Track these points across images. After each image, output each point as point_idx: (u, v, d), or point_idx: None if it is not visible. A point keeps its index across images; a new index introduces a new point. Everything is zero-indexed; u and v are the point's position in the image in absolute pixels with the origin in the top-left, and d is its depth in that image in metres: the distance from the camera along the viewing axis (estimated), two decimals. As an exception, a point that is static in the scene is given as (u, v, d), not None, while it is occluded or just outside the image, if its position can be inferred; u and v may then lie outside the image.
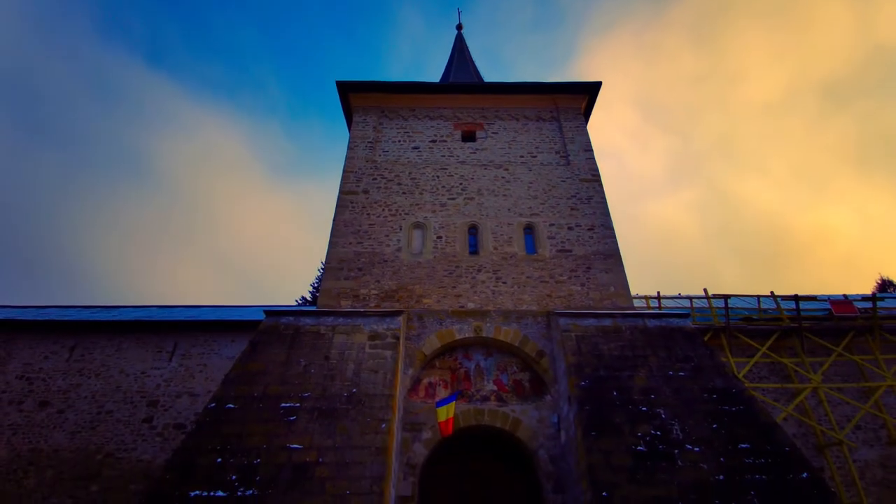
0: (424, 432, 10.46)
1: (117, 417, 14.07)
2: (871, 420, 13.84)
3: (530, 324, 11.66)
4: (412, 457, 10.17)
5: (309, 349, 10.11)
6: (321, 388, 9.37)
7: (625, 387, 9.52)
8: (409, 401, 10.89)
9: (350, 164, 14.82)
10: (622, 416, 9.00)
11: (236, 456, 8.30)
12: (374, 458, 8.29)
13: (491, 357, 11.62)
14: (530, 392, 11.12)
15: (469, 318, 11.68)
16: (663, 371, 9.84)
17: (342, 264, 12.62)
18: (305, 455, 8.32)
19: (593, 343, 10.39)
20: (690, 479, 8.07)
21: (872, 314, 14.73)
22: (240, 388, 9.38)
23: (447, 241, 13.18)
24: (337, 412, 8.98)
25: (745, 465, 8.28)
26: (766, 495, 7.86)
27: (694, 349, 10.34)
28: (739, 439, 8.67)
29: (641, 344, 10.41)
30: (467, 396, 10.99)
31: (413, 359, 11.04)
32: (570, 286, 12.43)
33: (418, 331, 11.48)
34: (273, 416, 8.89)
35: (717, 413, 9.10)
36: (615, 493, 7.87)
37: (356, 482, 7.96)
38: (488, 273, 12.59)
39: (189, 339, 15.35)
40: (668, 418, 8.98)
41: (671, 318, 11.06)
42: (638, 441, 8.62)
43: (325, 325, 10.63)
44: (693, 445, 8.57)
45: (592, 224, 13.60)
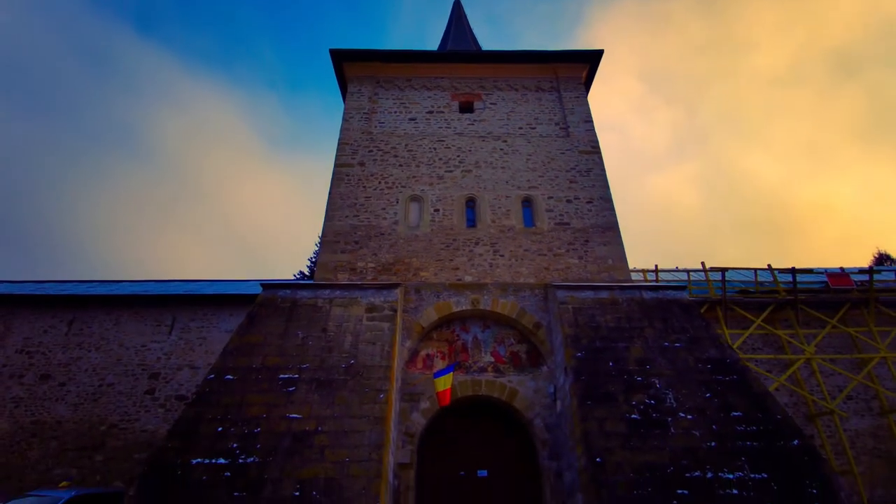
0: (422, 402, 10.60)
1: (119, 390, 14.25)
2: (863, 391, 14.09)
3: (528, 296, 11.68)
4: (410, 426, 10.34)
5: (306, 322, 10.13)
6: (319, 360, 9.43)
7: (620, 357, 9.60)
8: (407, 372, 11.00)
9: (345, 135, 14.53)
10: (617, 386, 9.11)
11: (237, 425, 8.41)
12: (373, 427, 8.41)
13: (488, 329, 11.68)
14: (527, 363, 11.23)
15: (466, 291, 11.68)
16: (659, 342, 9.91)
17: (338, 237, 12.53)
18: (305, 424, 8.43)
19: (590, 315, 10.42)
20: (682, 446, 8.23)
21: (869, 287, 14.80)
22: (238, 359, 9.44)
23: (444, 213, 13.06)
24: (335, 383, 9.06)
25: (736, 433, 8.43)
26: (757, 461, 8.04)
27: (690, 321, 10.39)
28: (732, 408, 8.80)
29: (638, 316, 10.45)
30: (465, 368, 11.10)
31: (410, 331, 11.09)
32: (567, 259, 12.39)
33: (416, 303, 11.49)
34: (272, 386, 8.98)
35: (710, 382, 9.21)
36: (609, 459, 8.03)
37: (355, 450, 8.10)
38: (486, 246, 12.52)
39: (187, 314, 15.41)
40: (662, 388, 9.09)
41: (668, 291, 11.07)
42: (632, 409, 8.75)
43: (323, 298, 10.63)
44: (686, 413, 8.70)
45: (591, 197, 13.46)
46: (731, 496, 7.60)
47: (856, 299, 14.85)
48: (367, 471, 7.84)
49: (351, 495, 7.53)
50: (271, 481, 7.67)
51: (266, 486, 7.61)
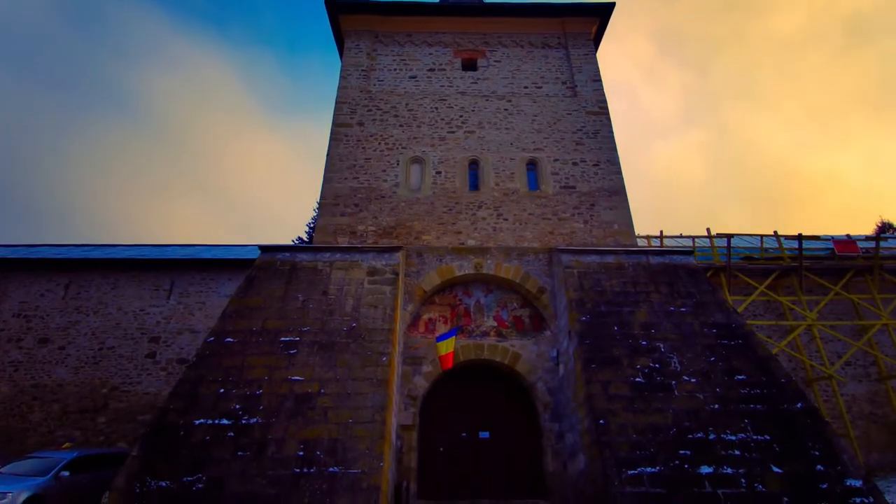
0: (424, 366, 10.57)
1: (120, 353, 14.22)
2: (861, 357, 14.18)
3: (531, 261, 11.47)
4: (413, 389, 10.34)
5: (307, 285, 9.93)
6: (320, 323, 9.28)
7: (626, 322, 9.49)
8: (409, 336, 10.92)
9: (343, 94, 13.90)
10: (622, 350, 9.03)
11: (238, 387, 8.34)
12: (376, 390, 8.36)
13: (491, 294, 11.54)
14: (530, 328, 11.15)
15: (469, 255, 11.45)
16: (664, 307, 9.78)
17: (338, 200, 12.17)
18: (307, 386, 8.37)
19: (595, 279, 10.25)
20: (686, 408, 8.22)
21: (874, 254, 14.65)
22: (238, 322, 9.29)
23: (447, 176, 12.66)
24: (337, 346, 8.95)
25: (740, 396, 8.42)
26: (759, 423, 8.05)
27: (696, 285, 10.23)
28: (736, 371, 8.77)
29: (644, 280, 10.29)
30: (467, 332, 11.02)
31: (412, 295, 10.93)
32: (572, 223, 12.11)
33: (417, 267, 11.28)
34: (273, 349, 8.86)
35: (715, 347, 9.14)
36: (612, 421, 8.03)
37: (358, 411, 8.07)
38: (489, 210, 12.20)
39: (186, 278, 15.21)
40: (667, 351, 9.02)
41: (674, 255, 10.87)
42: (636, 373, 8.71)
43: (323, 261, 10.39)
44: (690, 377, 8.66)
45: (598, 159, 13.04)
46: (733, 457, 7.64)
47: (861, 266, 14.73)
48: (370, 432, 7.82)
49: (355, 455, 7.54)
50: (275, 441, 7.65)
51: (270, 446, 7.60)
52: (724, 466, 7.53)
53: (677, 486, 7.29)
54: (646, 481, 7.34)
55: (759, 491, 7.26)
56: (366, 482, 7.24)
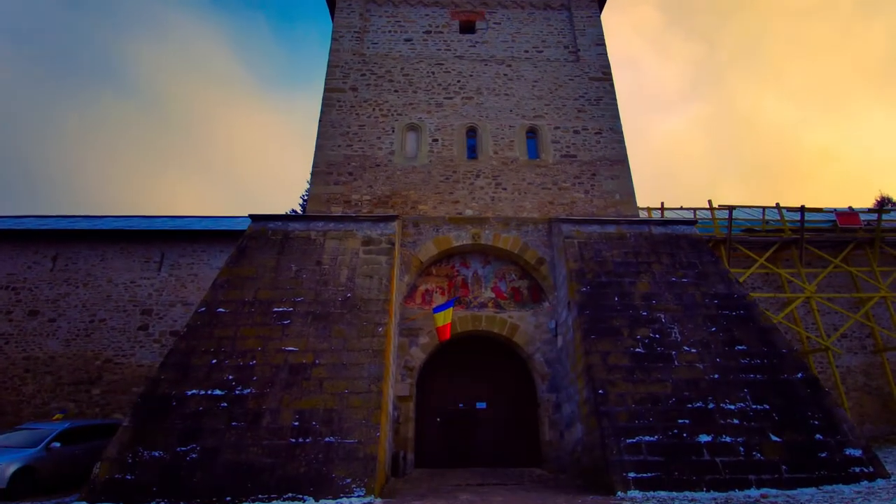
0: (421, 337, 10.43)
1: (112, 325, 14.00)
2: (858, 329, 14.20)
3: (531, 231, 11.21)
4: (409, 360, 10.22)
5: (299, 254, 9.65)
6: (314, 293, 9.05)
7: (626, 292, 9.32)
8: (406, 307, 10.73)
9: (335, 57, 13.27)
10: (622, 321, 8.89)
11: (231, 358, 8.16)
12: (372, 360, 8.20)
13: (489, 265, 11.32)
14: (528, 299, 10.98)
15: (467, 225, 11.17)
16: (666, 277, 9.61)
17: (331, 168, 11.76)
18: (301, 357, 8.20)
19: (596, 249, 10.03)
20: (685, 378, 8.15)
21: (876, 226, 14.49)
22: (230, 292, 9.04)
23: (444, 144, 12.23)
24: (332, 316, 8.75)
25: (740, 366, 8.35)
26: (759, 392, 8.00)
27: (699, 256, 10.04)
28: (737, 342, 8.67)
29: (646, 251, 10.08)
30: (465, 303, 10.84)
31: (409, 265, 10.69)
32: (573, 193, 11.80)
33: (414, 237, 11.00)
34: (266, 320, 8.65)
35: (716, 317, 9.02)
36: (611, 391, 7.95)
37: (354, 382, 7.93)
38: (487, 179, 11.84)
39: (177, 250, 14.86)
40: (667, 322, 8.90)
41: (677, 225, 10.64)
42: (636, 343, 8.59)
43: (316, 231, 10.08)
44: (691, 347, 8.57)
45: (600, 127, 12.62)
46: (731, 426, 7.61)
47: (862, 239, 14.58)
48: (367, 402, 7.71)
49: (352, 425, 7.43)
50: (270, 412, 7.53)
51: (265, 416, 7.48)
52: (722, 435, 7.50)
53: (675, 454, 7.26)
54: (644, 450, 7.31)
55: (758, 459, 7.25)
56: (362, 451, 7.16)
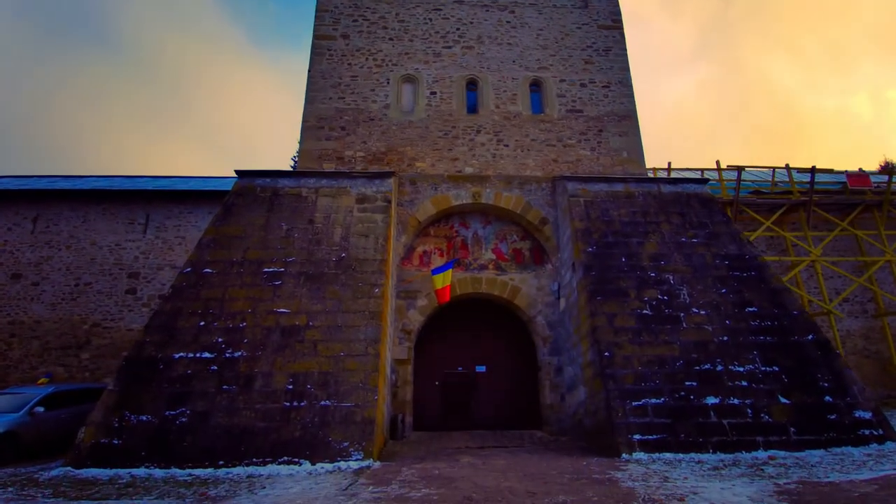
0: (419, 299, 10.07)
1: (98, 289, 13.53)
2: (860, 293, 14.03)
3: (534, 190, 10.68)
4: (407, 323, 9.90)
5: (290, 212, 9.10)
6: (306, 253, 8.58)
7: (634, 253, 8.93)
8: (403, 269, 10.31)
9: (324, 0, 12.25)
10: (629, 282, 8.53)
11: (220, 320, 7.76)
12: (368, 322, 7.84)
13: (489, 225, 10.84)
14: (530, 261, 10.59)
15: (467, 184, 10.60)
16: (676, 237, 9.20)
17: (322, 123, 11.03)
18: (294, 319, 7.82)
19: (603, 209, 9.55)
20: (694, 340, 7.89)
21: (886, 188, 14.07)
22: (217, 252, 8.54)
23: (442, 97, 11.48)
24: (325, 277, 8.32)
25: (750, 328, 8.08)
26: (769, 354, 7.77)
27: (709, 215, 9.61)
28: (747, 304, 8.38)
29: (654, 210, 9.62)
30: (464, 265, 10.44)
31: (406, 225, 10.19)
32: (578, 150, 11.20)
33: (411, 196, 10.45)
34: (256, 280, 8.21)
35: (727, 278, 8.69)
36: (617, 353, 7.68)
37: (350, 344, 7.59)
38: (488, 134, 11.19)
39: (162, 211, 14.23)
40: (676, 284, 8.56)
41: (687, 184, 10.14)
42: (644, 305, 8.27)
43: (308, 187, 9.49)
44: (700, 309, 8.26)
45: (609, 81, 11.87)
46: (740, 388, 7.40)
47: (870, 201, 14.18)
48: (363, 365, 7.39)
49: (348, 388, 7.14)
50: (262, 375, 7.20)
51: (257, 380, 7.16)
52: (730, 397, 7.30)
53: (682, 416, 7.07)
54: (650, 412, 7.10)
55: (766, 421, 7.08)
56: (360, 415, 6.90)
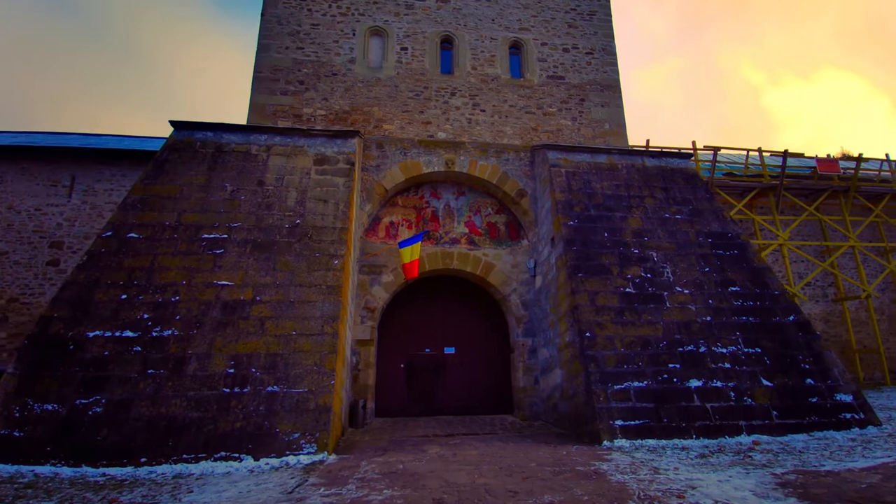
0: (385, 275, 9.17)
1: (15, 259, 11.81)
2: (822, 278, 14.26)
3: (511, 159, 9.90)
4: (370, 300, 9.00)
5: (236, 172, 7.91)
6: (255, 218, 7.47)
7: (617, 228, 8.36)
8: (367, 241, 9.36)
9: (282, -64, 10.77)
10: (612, 258, 7.97)
11: (146, 293, 6.61)
12: (326, 297, 6.89)
13: (463, 196, 10.01)
14: (505, 236, 9.87)
15: (439, 150, 9.69)
16: (659, 213, 8.70)
17: (277, 74, 9.75)
18: (238, 293, 6.76)
19: (585, 180, 8.91)
20: (677, 321, 7.44)
21: (853, 175, 14.25)
22: (145, 214, 7.29)
23: (414, 54, 10.41)
24: (277, 246, 7.26)
25: (733, 308, 7.72)
26: (751, 335, 7.44)
27: (693, 192, 9.16)
28: (730, 283, 8.01)
29: (638, 184, 9.07)
30: (435, 238, 9.59)
31: (371, 193, 9.20)
32: (559, 119, 10.48)
33: (377, 161, 9.44)
34: (193, 248, 7.05)
35: (710, 256, 8.28)
36: (599, 333, 7.12)
37: (304, 322, 6.64)
38: (464, 98, 10.26)
39: (91, 174, 12.51)
40: (660, 261, 8.07)
41: (671, 158, 9.65)
42: (627, 283, 7.74)
43: (258, 145, 8.30)
44: (683, 288, 7.82)
45: (592, 47, 11.15)
46: (723, 370, 7.03)
47: (837, 187, 14.36)
48: (319, 345, 6.48)
49: (300, 372, 6.22)
50: (197, 357, 6.16)
51: (190, 362, 6.11)
52: (713, 380, 6.91)
53: (665, 400, 6.61)
54: (632, 396, 6.60)
55: (748, 405, 6.74)
56: (313, 402, 6.02)
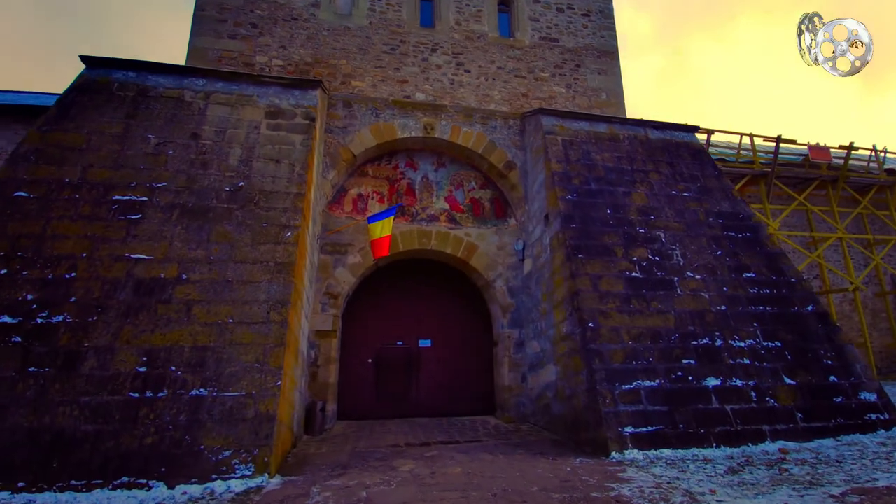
0: (351, 255, 7.84)
1: None
2: (807, 270, 13.82)
3: (499, 127, 8.70)
4: (333, 284, 7.66)
5: (164, 122, 6.37)
6: (186, 178, 5.98)
7: (620, 204, 7.31)
8: (331, 215, 7.98)
9: None
10: (616, 238, 6.92)
11: (34, 267, 5.06)
12: (274, 277, 5.53)
13: (443, 167, 8.75)
14: (491, 214, 8.70)
15: (417, 112, 8.38)
16: (666, 189, 7.71)
17: (225, 14, 8.17)
18: (158, 269, 5.30)
19: (584, 150, 7.81)
20: (690, 310, 6.47)
21: (843, 164, 13.84)
22: (40, 168, 5.69)
23: (390, 2, 9.02)
24: (213, 212, 5.82)
25: (749, 296, 6.83)
26: (770, 327, 6.56)
27: (701, 168, 8.24)
28: (744, 268, 7.11)
29: (642, 157, 8.06)
30: (410, 214, 8.31)
31: (336, 158, 7.82)
32: (552, 86, 9.35)
33: (345, 122, 8.05)
34: (99, 212, 5.52)
35: (721, 238, 7.37)
36: (604, 324, 6.06)
37: (244, 307, 5.26)
38: (446, 55, 8.97)
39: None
40: (668, 242, 7.08)
41: (675, 131, 8.70)
42: (633, 266, 6.71)
43: (194, 90, 6.75)
44: (695, 273, 6.86)
45: (589, 9, 10.05)
46: (742, 366, 6.11)
47: (826, 177, 13.93)
48: (263, 337, 5.12)
49: (237, 371, 4.86)
50: (97, 351, 4.70)
51: (87, 358, 4.65)
52: (732, 378, 5.98)
53: (680, 401, 5.63)
54: (643, 398, 5.58)
55: (771, 406, 5.85)
56: (252, 408, 4.68)
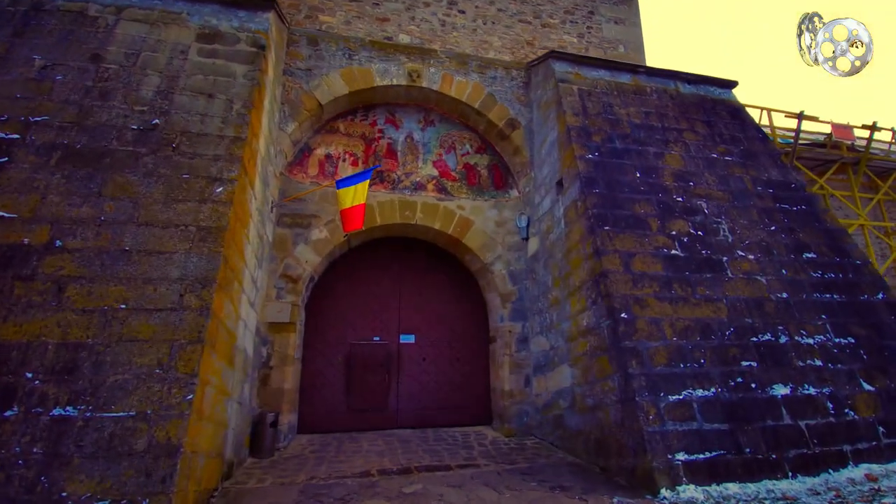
0: (316, 229, 6.28)
1: None
2: (829, 258, 12.76)
3: (500, 78, 7.21)
4: (293, 265, 6.09)
5: (57, 40, 4.72)
6: (77, 111, 4.35)
7: (651, 167, 5.90)
8: (291, 179, 6.41)
9: None
10: (649, 207, 5.51)
11: None
12: (195, 246, 3.96)
13: (432, 126, 7.23)
14: (489, 183, 7.22)
15: (400, 56, 6.83)
16: (704, 152, 6.34)
17: (158, -75, 6.49)
18: (21, 232, 3.70)
19: (605, 103, 6.38)
20: (745, 297, 5.11)
21: (867, 145, 12.73)
22: None
23: (368, -75, 7.44)
24: (110, 157, 4.21)
25: (812, 281, 5.50)
26: (839, 319, 5.25)
27: (743, 129, 6.89)
28: (804, 247, 5.79)
29: (674, 114, 6.67)
30: (391, 181, 6.78)
31: (297, 107, 6.23)
32: (562, 34, 7.91)
33: (309, 63, 6.46)
34: (-59, 150, 3.88)
35: (774, 212, 6.02)
36: (640, 315, 4.65)
37: (145, 288, 3.69)
38: (437, -8, 7.45)
39: None
40: (712, 214, 5.70)
41: (710, 87, 7.33)
42: (671, 243, 5.31)
43: (102, 3, 5.09)
44: (747, 252, 5.50)
45: (603, -51, 8.62)
46: (813, 369, 4.77)
47: (847, 159, 12.82)
48: (171, 329, 3.56)
49: (126, 378, 3.30)
50: None
51: None
52: (803, 384, 4.64)
53: (743, 417, 4.27)
54: (697, 413, 4.19)
55: (850, 419, 4.54)
56: (145, 436, 3.14)
